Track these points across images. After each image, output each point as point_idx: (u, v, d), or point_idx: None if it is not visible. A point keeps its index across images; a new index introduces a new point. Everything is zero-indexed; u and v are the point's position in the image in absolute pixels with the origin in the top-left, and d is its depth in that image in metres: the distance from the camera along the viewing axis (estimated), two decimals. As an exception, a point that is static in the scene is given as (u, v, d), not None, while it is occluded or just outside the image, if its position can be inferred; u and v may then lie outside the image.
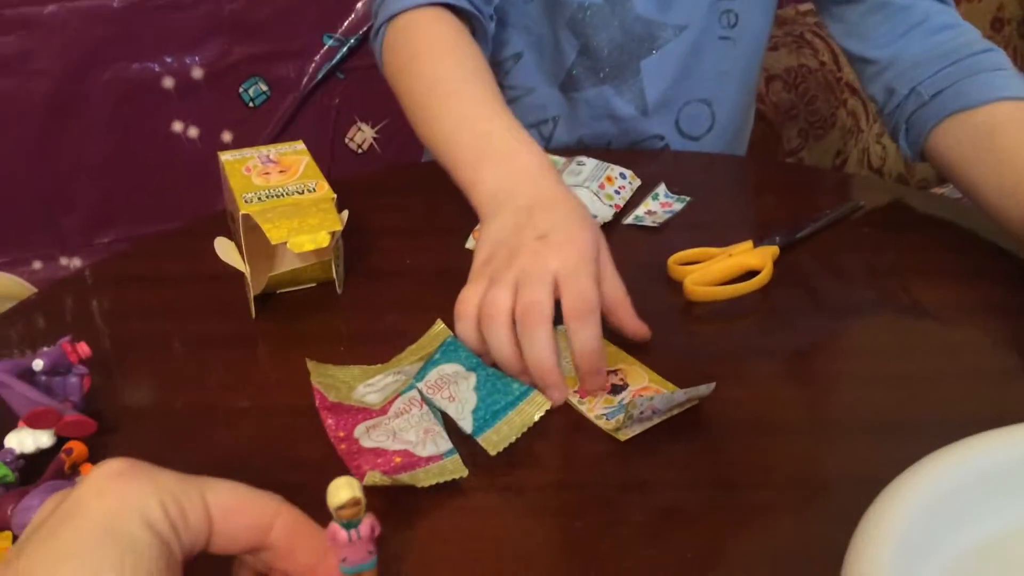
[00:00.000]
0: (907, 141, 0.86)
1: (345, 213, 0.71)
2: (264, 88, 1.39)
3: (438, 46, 0.84)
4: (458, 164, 0.74)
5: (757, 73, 1.07)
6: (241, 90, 1.38)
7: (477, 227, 0.81)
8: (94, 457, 0.55)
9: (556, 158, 0.90)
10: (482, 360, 0.60)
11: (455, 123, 0.76)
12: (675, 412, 0.58)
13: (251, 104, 1.39)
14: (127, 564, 0.36)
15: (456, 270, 0.76)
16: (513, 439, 0.55)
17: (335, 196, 0.71)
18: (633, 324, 0.64)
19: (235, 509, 0.39)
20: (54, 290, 0.79)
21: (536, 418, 0.56)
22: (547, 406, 0.56)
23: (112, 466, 0.39)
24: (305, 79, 1.40)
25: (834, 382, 0.63)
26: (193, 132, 1.37)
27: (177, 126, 1.37)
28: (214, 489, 0.40)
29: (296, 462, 0.57)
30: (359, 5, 1.41)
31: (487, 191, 0.69)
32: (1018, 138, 0.73)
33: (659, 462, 0.55)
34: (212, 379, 0.65)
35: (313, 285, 0.74)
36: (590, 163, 0.87)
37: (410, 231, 0.84)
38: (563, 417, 0.59)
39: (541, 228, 0.63)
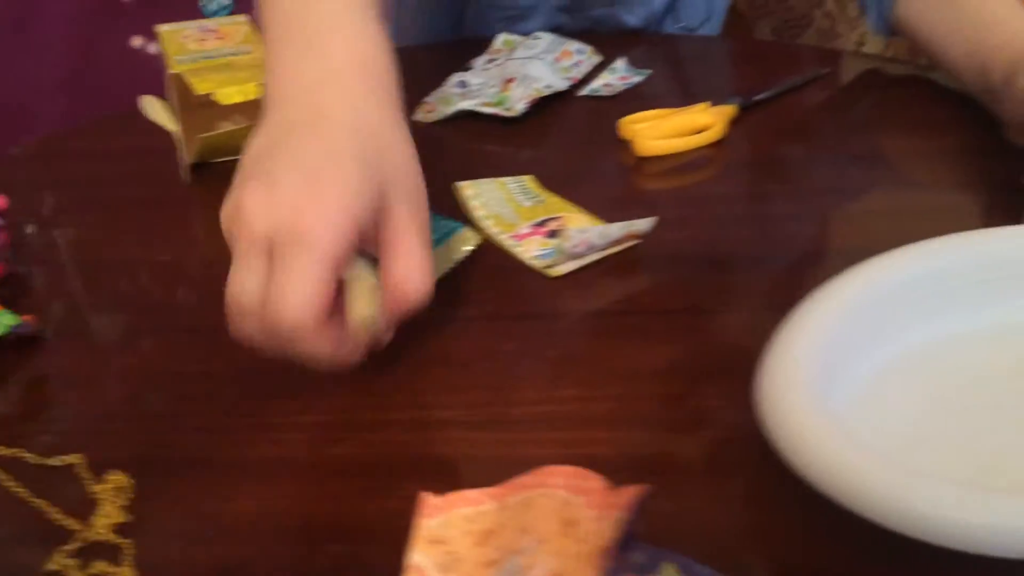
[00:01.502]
0: (877, 14, 0.82)
1: (279, 72, 0.68)
2: (226, 1, 1.36)
3: None
4: (266, 44, 0.51)
5: None
6: (201, 3, 1.34)
7: (429, 98, 0.78)
8: (10, 306, 0.53)
9: (513, 37, 0.87)
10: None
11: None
12: (613, 250, 0.56)
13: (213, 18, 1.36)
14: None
15: None
16: (441, 273, 0.53)
17: (270, 57, 0.68)
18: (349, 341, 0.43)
19: None
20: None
21: (466, 251, 0.53)
22: (476, 240, 0.54)
23: None
24: None
25: (789, 219, 0.60)
26: (153, 48, 1.33)
27: (136, 41, 1.34)
28: None
29: (210, 307, 0.55)
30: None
31: (272, 89, 0.48)
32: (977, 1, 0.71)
33: (593, 294, 0.53)
34: (135, 235, 0.62)
35: (252, 154, 0.71)
36: (547, 37, 0.84)
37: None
38: (493, 257, 0.56)
39: (276, 164, 0.43)
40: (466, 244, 0.53)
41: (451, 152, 0.72)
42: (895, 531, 0.33)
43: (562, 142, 0.72)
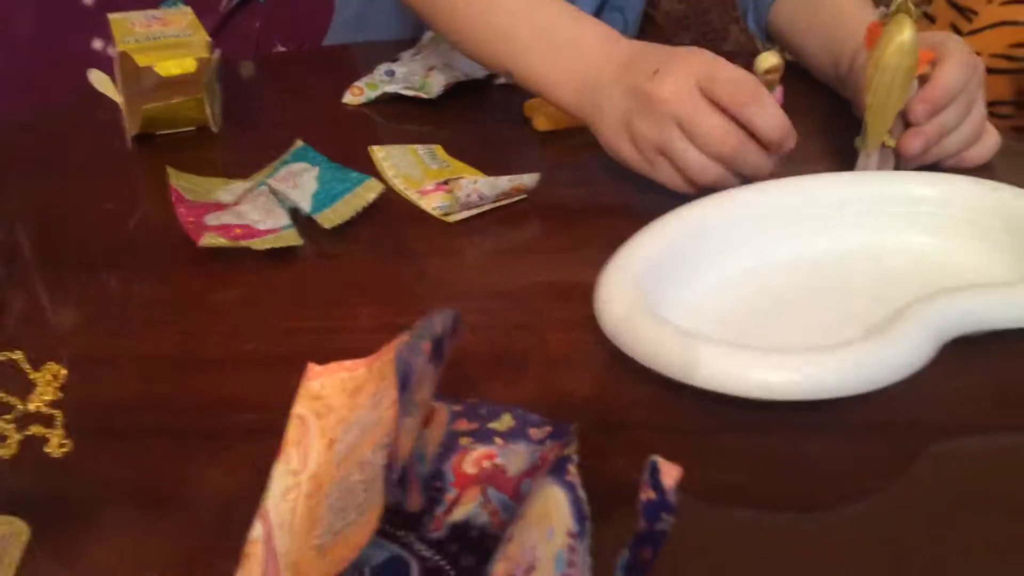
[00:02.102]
0: (755, 20, 0.93)
1: (217, 52, 0.75)
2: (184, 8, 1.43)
3: None
4: (529, 70, 0.68)
5: None
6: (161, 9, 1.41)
7: (358, 83, 0.85)
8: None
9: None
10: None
11: (506, 22, 0.70)
12: (504, 202, 0.63)
13: (171, 24, 1.43)
14: None
15: (332, 120, 0.81)
16: (348, 216, 0.60)
17: (211, 40, 0.76)
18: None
19: None
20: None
21: (371, 198, 0.61)
22: (380, 189, 0.61)
23: None
24: (224, 1, 1.44)
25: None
26: (113, 51, 1.40)
27: (97, 44, 1.40)
28: None
29: (145, 244, 0.62)
30: (279, -72, 1.45)
31: (572, 89, 0.66)
32: (836, 3, 0.80)
33: (485, 236, 0.61)
34: (82, 194, 0.69)
35: (192, 129, 0.78)
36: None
37: (291, 91, 0.89)
38: (400, 208, 0.64)
39: (647, 70, 0.60)
40: (371, 192, 0.61)
41: (375, 128, 0.80)
42: (683, 383, 0.41)
43: (474, 121, 0.80)
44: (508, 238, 0.61)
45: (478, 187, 0.61)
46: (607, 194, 0.66)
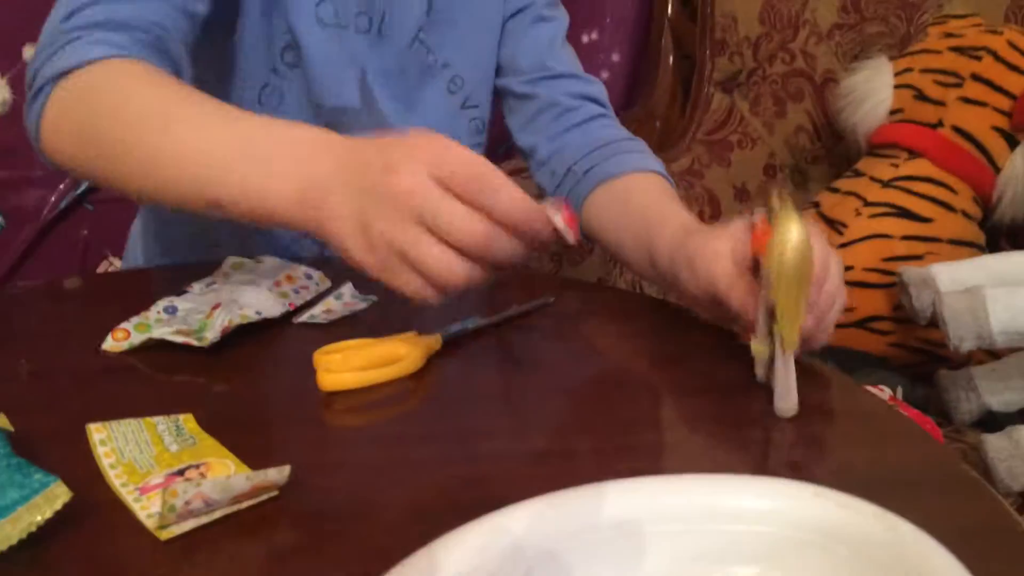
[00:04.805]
0: None
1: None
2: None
3: (144, 79, 0.68)
4: (242, 188, 0.60)
5: None
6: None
7: (126, 323, 0.71)
8: None
9: (242, 260, 0.83)
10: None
11: (195, 140, 0.63)
12: (244, 504, 0.49)
13: (-17, 233, 1.29)
14: None
15: (79, 374, 0.67)
16: (14, 540, 0.44)
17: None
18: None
19: None
20: None
21: (48, 514, 0.45)
22: (65, 498, 0.46)
23: None
24: (47, 209, 1.31)
25: (449, 463, 0.55)
26: None
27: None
28: None
29: None
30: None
31: (295, 201, 0.58)
32: (645, 199, 0.84)
33: (208, 560, 0.45)
34: None
35: None
36: (271, 261, 0.80)
37: (55, 331, 0.74)
38: (108, 512, 0.48)
39: (377, 166, 0.55)
40: (53, 503, 0.45)
41: (133, 386, 0.65)
42: None
43: (258, 374, 0.66)
44: (246, 565, 0.46)
45: (203, 490, 0.46)
46: (372, 484, 0.52)
